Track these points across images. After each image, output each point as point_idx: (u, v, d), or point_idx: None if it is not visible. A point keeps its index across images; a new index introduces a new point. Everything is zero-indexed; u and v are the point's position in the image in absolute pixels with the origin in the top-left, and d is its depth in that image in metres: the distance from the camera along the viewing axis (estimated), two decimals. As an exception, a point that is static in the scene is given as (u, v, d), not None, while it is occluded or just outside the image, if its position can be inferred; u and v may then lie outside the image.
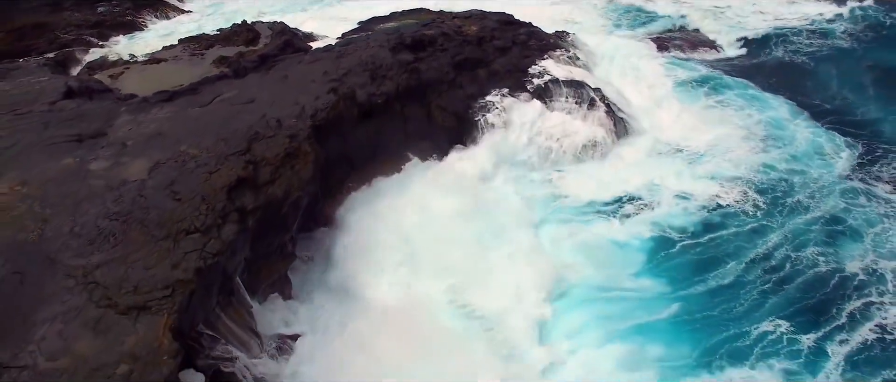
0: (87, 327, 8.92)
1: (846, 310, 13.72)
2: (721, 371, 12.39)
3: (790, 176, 18.31)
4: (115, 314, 9.12)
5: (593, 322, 13.39)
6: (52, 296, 9.48)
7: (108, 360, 8.39)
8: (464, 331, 12.80)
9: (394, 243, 14.62)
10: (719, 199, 17.22)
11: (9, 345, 8.61)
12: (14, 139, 14.20)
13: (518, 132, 18.09)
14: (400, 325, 12.59)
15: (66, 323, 8.98)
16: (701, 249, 15.78)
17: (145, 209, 11.27)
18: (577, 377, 12.02)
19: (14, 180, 12.47)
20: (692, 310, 13.90)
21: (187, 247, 10.33)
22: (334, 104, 15.36)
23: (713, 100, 22.94)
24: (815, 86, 25.00)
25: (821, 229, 16.19)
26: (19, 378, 8.10)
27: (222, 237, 10.69)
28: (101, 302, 9.33)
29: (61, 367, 8.30)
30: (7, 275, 9.90)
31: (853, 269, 14.81)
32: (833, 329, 13.31)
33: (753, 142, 20.01)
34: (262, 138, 13.53)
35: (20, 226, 11.06)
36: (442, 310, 13.30)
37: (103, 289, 9.52)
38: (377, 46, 19.60)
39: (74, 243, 10.60)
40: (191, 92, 17.40)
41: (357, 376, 11.41)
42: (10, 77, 19.57)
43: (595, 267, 14.77)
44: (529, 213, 16.33)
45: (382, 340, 12.12)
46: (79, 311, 9.19)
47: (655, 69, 25.18)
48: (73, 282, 9.73)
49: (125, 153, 13.55)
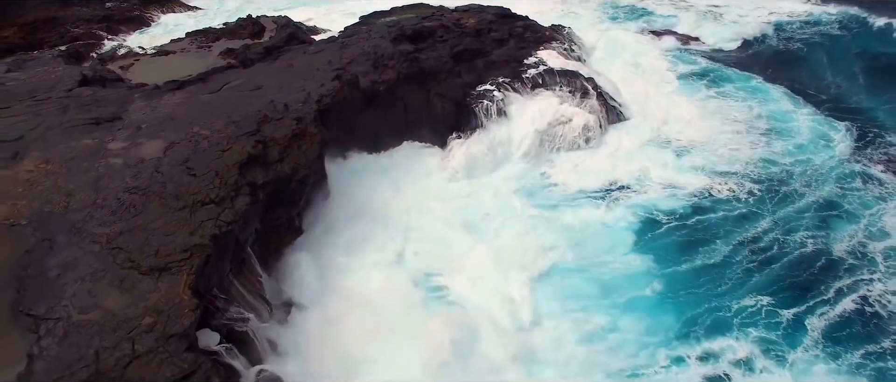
0: (113, 286, 9.70)
1: (832, 288, 14.04)
2: (698, 341, 12.89)
3: (787, 164, 18.65)
4: (138, 274, 9.90)
5: (574, 298, 13.73)
6: (80, 260, 10.25)
7: (133, 314, 9.18)
8: (440, 308, 13.19)
9: (384, 221, 15.20)
10: (712, 187, 17.59)
11: (43, 301, 9.39)
12: (36, 122, 14.98)
13: (512, 119, 18.81)
14: (374, 305, 12.89)
15: (94, 283, 9.76)
16: (688, 231, 16.12)
17: (162, 183, 12.07)
18: (552, 348, 12.44)
19: (38, 159, 13.26)
20: (676, 286, 14.30)
21: (203, 217, 11.12)
22: (338, 90, 16.14)
23: (713, 92, 23.51)
24: (809, 75, 25.65)
25: (814, 214, 16.48)
26: (55, 329, 8.88)
27: (235, 208, 11.47)
28: (124, 264, 10.11)
29: (92, 319, 9.08)
30: (38, 242, 10.68)
31: (842, 250, 15.12)
32: (815, 304, 13.64)
33: (749, 131, 20.41)
34: (270, 120, 14.31)
35: (47, 199, 11.84)
36: (420, 289, 13.67)
37: (126, 253, 10.30)
38: (379, 37, 20.44)
39: (98, 214, 11.39)
40: (200, 80, 18.19)
41: (331, 350, 11.75)
42: (26, 67, 20.36)
43: (580, 248, 15.13)
44: (518, 197, 16.94)
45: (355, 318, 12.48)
46: (105, 272, 9.96)
47: (653, 62, 25.91)
48: (98, 248, 10.51)
49: (141, 134, 14.33)
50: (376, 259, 14.27)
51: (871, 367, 12.16)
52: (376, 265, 14.07)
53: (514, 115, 18.99)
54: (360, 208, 15.41)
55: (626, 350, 12.54)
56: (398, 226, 15.46)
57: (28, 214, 11.42)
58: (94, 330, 8.89)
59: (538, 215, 16.24)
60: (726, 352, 12.65)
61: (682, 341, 12.93)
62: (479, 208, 16.39)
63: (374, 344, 11.77)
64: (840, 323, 13.20)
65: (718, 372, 12.25)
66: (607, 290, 14.05)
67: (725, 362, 12.48)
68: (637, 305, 13.69)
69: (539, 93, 19.87)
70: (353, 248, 14.47)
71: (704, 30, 30.18)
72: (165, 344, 8.59)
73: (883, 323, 13.08)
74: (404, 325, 12.20)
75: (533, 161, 18.40)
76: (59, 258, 10.29)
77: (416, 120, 18.29)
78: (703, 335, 13.06)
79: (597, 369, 12.03)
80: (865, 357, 12.38)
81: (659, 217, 16.58)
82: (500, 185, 17.36)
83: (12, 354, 8.55)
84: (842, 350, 12.57)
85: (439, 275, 14.07)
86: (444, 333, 11.79)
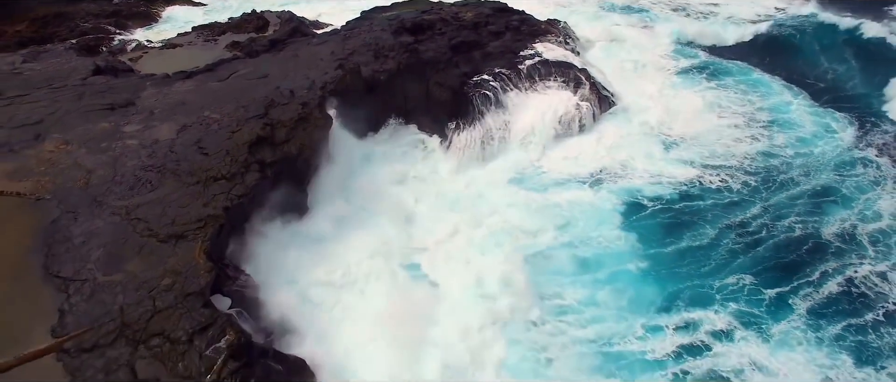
0: (133, 251, 10.50)
1: (818, 270, 14.18)
2: (678, 313, 13.10)
3: (785, 155, 18.68)
4: (156, 242, 10.70)
5: (556, 273, 14.04)
6: (102, 229, 11.05)
7: (153, 275, 9.97)
8: (423, 285, 13.58)
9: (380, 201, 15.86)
10: (702, 176, 17.81)
11: (70, 265, 10.19)
12: (54, 107, 15.77)
13: (507, 108, 19.54)
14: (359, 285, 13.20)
15: (115, 249, 10.56)
16: (674, 214, 16.33)
17: (177, 161, 12.87)
18: (522, 318, 12.78)
19: (58, 140, 14.07)
20: (660, 265, 14.56)
21: (216, 191, 11.92)
22: (341, 78, 16.90)
23: (712, 84, 23.70)
24: (807, 68, 25.70)
25: (808, 201, 16.62)
26: (82, 288, 9.67)
27: (245, 183, 12.27)
28: (143, 232, 10.91)
29: (115, 280, 9.88)
30: (62, 214, 11.49)
31: (831, 233, 15.32)
32: (800, 284, 13.82)
33: (748, 124, 20.54)
34: (277, 105, 15.09)
35: (68, 176, 12.65)
36: (405, 268, 14.04)
37: (145, 223, 11.10)
38: (380, 30, 21.22)
39: (117, 189, 12.20)
40: (208, 70, 18.98)
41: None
42: (40, 59, 21.15)
43: (567, 228, 15.48)
44: (510, 181, 17.59)
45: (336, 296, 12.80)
46: (125, 240, 10.77)
47: (651, 56, 26.28)
48: (118, 218, 11.32)
49: (154, 118, 15.13)
50: (367, 240, 14.40)
51: (852, 340, 12.47)
52: (365, 244, 14.24)
53: (509, 104, 19.73)
54: (357, 189, 16.04)
55: (602, 321, 12.85)
56: (394, 207, 16.04)
57: (51, 189, 12.24)
58: (118, 290, 9.70)
59: (528, 197, 16.76)
60: (705, 323, 12.88)
61: (660, 313, 13.21)
62: (471, 191, 17.05)
63: (354, 325, 12.06)
64: (824, 302, 13.40)
65: (696, 341, 12.48)
66: (589, 266, 14.36)
67: (703, 332, 12.65)
68: (619, 280, 13.95)
69: (533, 83, 20.61)
70: (345, 225, 14.71)
71: (703, 25, 30.46)
72: (184, 301, 9.38)
73: (868, 301, 13.39)
74: (385, 299, 12.65)
75: (526, 147, 19.03)
76: (82, 227, 11.09)
77: (415, 108, 19.03)
78: (683, 308, 13.29)
79: (565, 336, 12.38)
80: (846, 329, 12.68)
81: (646, 202, 16.75)
82: (493, 170, 18.00)
83: (45, 309, 9.36)
84: (824, 323, 12.81)
85: (424, 252, 14.61)
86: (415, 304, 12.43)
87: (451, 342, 11.97)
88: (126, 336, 8.81)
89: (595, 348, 12.22)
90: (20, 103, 16.07)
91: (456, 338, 12.04)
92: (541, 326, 12.65)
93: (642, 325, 12.77)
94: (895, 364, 11.97)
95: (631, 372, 11.88)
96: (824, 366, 12.00)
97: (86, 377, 8.24)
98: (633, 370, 11.93)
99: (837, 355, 12.18)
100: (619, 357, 12.09)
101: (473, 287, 13.28)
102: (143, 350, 8.63)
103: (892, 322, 12.85)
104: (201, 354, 8.52)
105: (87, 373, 8.29)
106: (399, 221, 15.62)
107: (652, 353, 12.26)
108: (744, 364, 12.15)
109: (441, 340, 11.99)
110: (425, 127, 18.96)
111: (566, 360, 11.90)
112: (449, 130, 18.77)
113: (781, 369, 12.01)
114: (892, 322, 12.85)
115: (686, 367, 12.07)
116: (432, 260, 14.35)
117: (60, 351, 8.59)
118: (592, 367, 11.89)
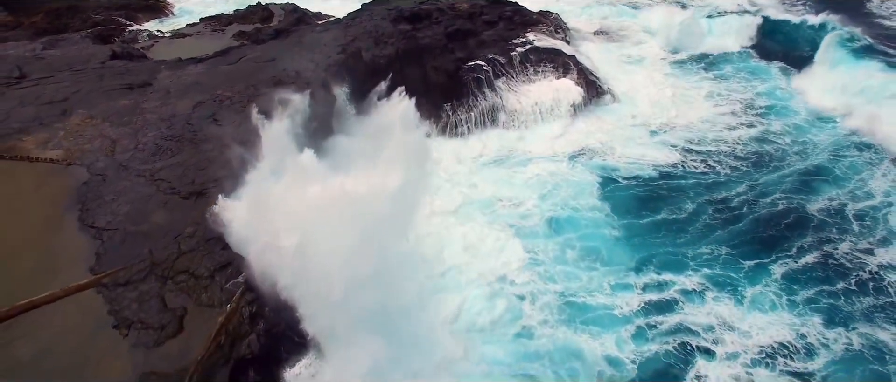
0: (158, 206, 11.76)
1: (797, 243, 14.30)
2: (648, 274, 13.53)
3: (777, 141, 19.04)
4: (179, 198, 11.95)
5: (530, 236, 14.66)
6: (129, 188, 12.31)
7: (177, 225, 11.22)
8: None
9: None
10: (686, 158, 18.36)
11: (103, 218, 11.44)
12: (77, 87, 17.03)
13: (498, 91, 20.73)
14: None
15: (142, 204, 11.82)
16: (652, 190, 16.82)
17: (194, 132, 14.13)
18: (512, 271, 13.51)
19: (84, 115, 15.32)
20: (634, 233, 14.94)
21: (230, 155, 13.12)
22: (344, 61, 18.13)
23: (710, 74, 24.29)
24: (802, 57, 25.09)
25: (796, 179, 16.74)
26: (115, 236, 10.92)
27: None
28: (167, 191, 12.17)
29: (143, 230, 11.13)
30: (92, 177, 12.75)
31: (816, 209, 15.46)
32: (779, 255, 13.97)
33: (745, 110, 20.98)
34: (284, 84, 16.31)
35: (95, 145, 13.92)
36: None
37: (168, 183, 12.36)
38: (380, 19, 22.44)
39: (140, 155, 13.46)
40: (219, 55, 20.23)
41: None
42: (59, 46, 22.40)
43: (545, 197, 16.18)
44: (495, 156, 18.66)
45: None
46: (151, 197, 12.02)
47: (646, 47, 27.10)
48: (143, 180, 12.57)
49: (170, 96, 16.38)
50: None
51: (824, 303, 12.76)
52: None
53: (501, 88, 20.93)
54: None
55: (569, 277, 13.40)
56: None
57: (80, 156, 13.50)
58: (146, 237, 10.94)
59: (512, 171, 17.77)
60: (675, 285, 13.24)
61: (630, 273, 13.62)
62: (460, 163, 18.23)
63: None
64: (801, 269, 13.59)
65: (664, 299, 12.86)
66: (563, 228, 14.99)
67: (673, 292, 13.09)
68: (591, 241, 14.50)
69: (525, 69, 21.79)
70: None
71: (699, 16, 30.83)
72: (205, 245, 10.63)
73: (843, 270, 13.60)
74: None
75: (515, 126, 20.17)
76: (111, 187, 12.36)
77: (412, 89, 20.17)
78: (654, 270, 13.63)
79: (534, 285, 13.11)
80: (820, 293, 12.95)
81: (625, 179, 17.33)
82: (483, 145, 19.21)
83: (83, 253, 10.63)
84: (798, 288, 13.00)
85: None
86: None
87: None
88: (155, 273, 10.06)
89: (562, 299, 12.87)
90: (45, 84, 17.34)
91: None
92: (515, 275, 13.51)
93: (609, 283, 13.34)
94: (866, 326, 12.25)
95: (597, 325, 12.34)
96: (795, 325, 12.26)
97: (122, 305, 9.47)
98: (600, 322, 12.40)
99: (808, 316, 12.44)
100: (585, 309, 12.69)
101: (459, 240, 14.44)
102: (171, 284, 9.87)
103: (865, 292, 13.08)
104: (222, 287, 9.76)
105: (123, 303, 9.53)
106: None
107: (619, 309, 12.72)
108: (714, 323, 12.49)
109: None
110: (422, 106, 20.05)
111: (538, 307, 12.72)
112: (444, 110, 19.96)
113: (752, 327, 12.24)
114: (866, 291, 13.08)
115: (652, 321, 12.43)
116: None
117: (99, 286, 9.83)
118: (558, 314, 12.50)
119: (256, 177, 11.58)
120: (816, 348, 11.93)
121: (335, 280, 9.38)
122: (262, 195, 10.84)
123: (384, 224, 10.68)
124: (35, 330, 9.02)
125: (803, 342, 12.04)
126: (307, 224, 9.84)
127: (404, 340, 10.92)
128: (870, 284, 13.32)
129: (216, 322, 9.18)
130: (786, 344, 12.01)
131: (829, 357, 11.76)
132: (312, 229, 9.77)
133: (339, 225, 9.83)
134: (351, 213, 9.94)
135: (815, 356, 11.79)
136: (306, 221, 9.91)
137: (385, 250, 10.72)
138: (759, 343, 12.04)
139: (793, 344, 12.00)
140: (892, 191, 16.39)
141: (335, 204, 9.96)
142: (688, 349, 12.05)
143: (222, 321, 9.20)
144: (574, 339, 12.09)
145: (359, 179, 10.69)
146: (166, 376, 8.36)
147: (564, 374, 11.47)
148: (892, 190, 16.43)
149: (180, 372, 8.39)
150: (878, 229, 15.00)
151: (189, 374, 8.33)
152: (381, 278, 10.33)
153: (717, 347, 12.03)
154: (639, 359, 11.80)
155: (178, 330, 9.03)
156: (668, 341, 12.18)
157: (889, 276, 13.50)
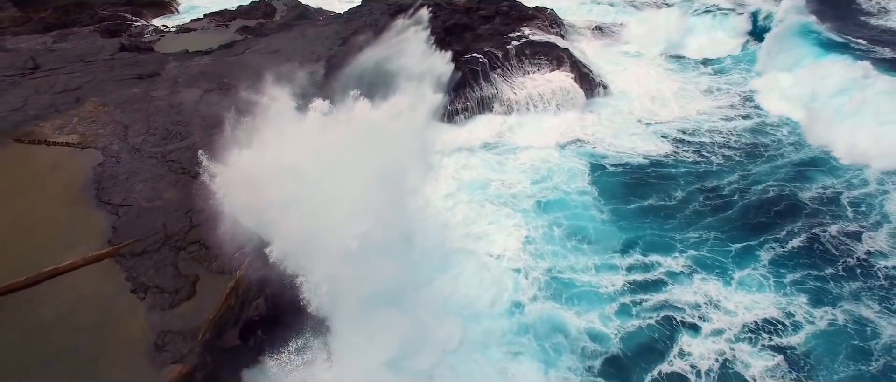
0: (170, 184, 12.48)
1: (786, 227, 14.51)
2: (634, 255, 13.87)
3: (775, 132, 19.49)
4: (189, 177, 12.65)
5: (519, 213, 15.28)
6: (142, 169, 13.03)
7: (188, 201, 11.93)
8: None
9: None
10: (678, 149, 18.82)
11: (118, 195, 12.16)
12: (89, 77, 17.77)
13: (493, 82, 21.46)
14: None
15: (155, 183, 12.54)
16: (641, 177, 17.24)
17: (202, 117, 14.85)
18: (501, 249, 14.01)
19: (97, 102, 16.06)
20: (622, 217, 15.38)
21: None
22: (345, 52, 18.87)
23: (708, 69, 24.76)
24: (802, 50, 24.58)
25: (791, 169, 16.95)
26: (130, 212, 11.64)
27: (263, 133, 14.18)
28: (177, 171, 12.88)
29: (157, 206, 11.85)
30: (107, 159, 13.48)
31: (809, 197, 15.74)
32: (767, 239, 14.20)
33: (740, 102, 21.47)
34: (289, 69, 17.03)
35: (109, 130, 14.64)
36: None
37: (179, 164, 13.07)
38: (379, 13, 23.19)
39: (152, 139, 14.18)
40: (224, 48, 20.97)
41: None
42: (69, 40, 23.18)
43: (536, 182, 16.79)
44: (488, 142, 19.35)
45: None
46: (163, 177, 12.74)
47: (644, 43, 27.85)
48: (155, 161, 13.29)
49: (179, 85, 17.12)
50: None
51: (812, 285, 13.02)
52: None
53: (496, 79, 21.65)
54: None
55: (554, 256, 13.82)
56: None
57: (94, 140, 14.22)
58: (160, 212, 11.66)
59: (503, 158, 18.46)
60: (661, 266, 13.56)
61: (615, 253, 13.99)
62: (457, 149, 18.91)
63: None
64: (790, 254, 13.80)
65: (650, 279, 13.17)
66: (551, 209, 15.53)
67: (660, 272, 13.38)
68: (578, 221, 15.00)
69: (520, 62, 22.52)
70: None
71: (700, 11, 31.38)
72: (216, 217, 11.31)
73: (830, 257, 13.83)
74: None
75: (507, 117, 20.87)
76: (125, 168, 13.08)
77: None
78: (640, 252, 13.96)
79: (520, 261, 13.65)
80: (807, 276, 13.21)
81: (615, 166, 17.85)
82: (477, 132, 19.90)
83: (101, 227, 11.34)
84: (786, 272, 13.25)
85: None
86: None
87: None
88: (169, 244, 10.77)
89: (548, 275, 13.32)
90: (58, 74, 18.08)
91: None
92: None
93: (595, 263, 13.75)
94: (853, 305, 12.51)
95: (582, 301, 12.70)
96: (781, 304, 12.51)
97: (139, 272, 10.20)
98: (586, 298, 12.77)
99: (795, 296, 12.71)
100: (570, 285, 13.11)
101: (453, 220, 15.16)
102: (184, 254, 10.58)
103: (853, 276, 13.34)
104: (231, 256, 10.46)
105: (140, 270, 10.25)
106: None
107: (604, 288, 13.07)
108: (700, 301, 12.67)
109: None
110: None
111: (530, 282, 13.24)
112: (435, 101, 20.63)
113: (739, 306, 12.49)
114: (854, 276, 13.34)
115: (637, 299, 12.74)
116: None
117: (117, 256, 10.55)
118: (546, 289, 12.96)
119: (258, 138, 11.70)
120: (802, 324, 12.15)
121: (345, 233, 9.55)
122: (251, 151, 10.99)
123: (407, 163, 10.99)
124: (59, 294, 9.74)
125: (790, 320, 12.18)
126: (308, 168, 10.09)
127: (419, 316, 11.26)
128: (857, 270, 13.49)
129: (226, 286, 9.89)
130: (771, 321, 12.16)
131: (812, 331, 11.94)
132: (315, 173, 9.93)
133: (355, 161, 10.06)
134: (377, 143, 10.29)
135: (799, 330, 11.95)
136: (310, 163, 10.13)
137: (401, 201, 11.05)
138: (745, 321, 12.20)
139: (779, 321, 12.16)
140: (886, 179, 16.60)
141: (358, 133, 10.28)
142: (673, 324, 12.24)
143: (232, 285, 9.91)
144: (559, 314, 12.42)
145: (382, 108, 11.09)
146: (181, 333, 9.08)
147: (549, 348, 11.72)
148: (886, 177, 16.64)
149: (194, 330, 9.10)
150: (873, 214, 15.24)
151: (202, 331, 9.05)
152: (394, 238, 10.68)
153: (702, 323, 12.23)
154: (623, 334, 12.06)
155: (191, 294, 9.73)
156: (653, 316, 12.40)
157: (879, 262, 13.71)
